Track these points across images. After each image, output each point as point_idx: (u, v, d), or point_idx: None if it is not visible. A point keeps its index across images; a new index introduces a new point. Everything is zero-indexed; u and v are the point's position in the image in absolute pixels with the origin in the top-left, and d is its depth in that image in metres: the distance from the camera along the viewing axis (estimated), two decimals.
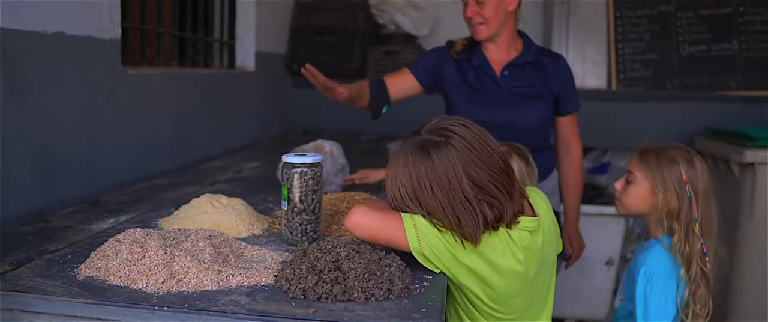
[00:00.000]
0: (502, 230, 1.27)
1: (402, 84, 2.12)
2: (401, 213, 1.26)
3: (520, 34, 2.13)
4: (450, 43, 2.17)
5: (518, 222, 1.30)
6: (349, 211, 1.27)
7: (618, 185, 1.71)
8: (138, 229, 1.27)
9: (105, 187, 1.91)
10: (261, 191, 1.98)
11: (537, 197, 1.43)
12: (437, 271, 1.26)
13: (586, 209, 3.28)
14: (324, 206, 1.69)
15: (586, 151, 4.03)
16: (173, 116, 2.35)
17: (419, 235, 1.23)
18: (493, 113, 2.02)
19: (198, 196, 1.88)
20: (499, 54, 2.08)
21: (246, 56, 3.19)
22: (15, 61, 1.51)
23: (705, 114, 3.63)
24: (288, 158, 1.40)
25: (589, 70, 3.94)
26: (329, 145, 2.00)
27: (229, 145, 2.86)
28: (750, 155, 2.88)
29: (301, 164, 1.39)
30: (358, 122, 3.36)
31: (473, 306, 1.35)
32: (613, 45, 3.90)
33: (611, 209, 3.13)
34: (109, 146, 1.92)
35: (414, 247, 1.24)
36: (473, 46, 2.11)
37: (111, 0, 1.90)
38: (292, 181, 1.39)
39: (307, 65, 1.82)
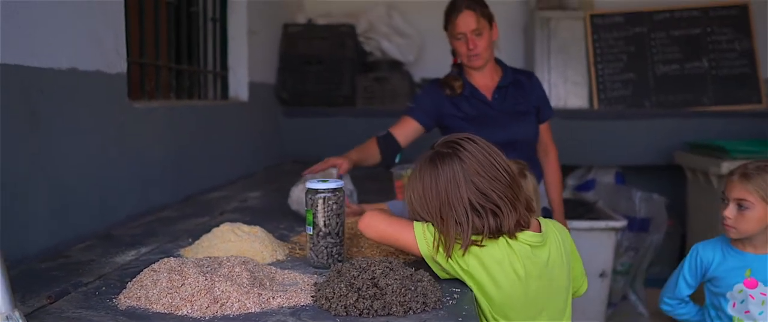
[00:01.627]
0: (503, 239, 1.33)
1: (408, 131, 2.30)
2: (413, 221, 1.37)
3: (496, 60, 2.36)
4: (440, 84, 2.34)
5: (521, 233, 1.35)
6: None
7: (729, 213, 1.73)
8: (172, 258, 1.29)
9: (116, 221, 1.91)
10: (271, 218, 2.01)
11: (553, 227, 1.46)
12: (447, 277, 1.34)
13: (578, 224, 3.37)
14: None
15: (571, 169, 4.15)
16: (175, 148, 2.36)
17: (429, 240, 1.32)
18: (495, 134, 2.07)
19: (210, 226, 1.92)
20: (485, 80, 2.30)
21: (239, 87, 3.23)
22: (32, 98, 1.53)
23: (682, 129, 3.76)
24: (312, 185, 1.44)
25: (571, 90, 4.07)
26: (337, 172, 2.04)
27: (226, 176, 2.88)
28: (726, 167, 3.03)
29: (325, 189, 1.43)
30: (349, 148, 3.41)
31: (484, 318, 1.39)
32: (593, 66, 4.04)
33: (601, 224, 3.22)
34: (118, 180, 1.93)
35: (424, 252, 1.33)
36: (461, 80, 2.30)
37: (117, 35, 1.93)
38: (317, 206, 1.43)
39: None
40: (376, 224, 1.40)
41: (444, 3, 2.28)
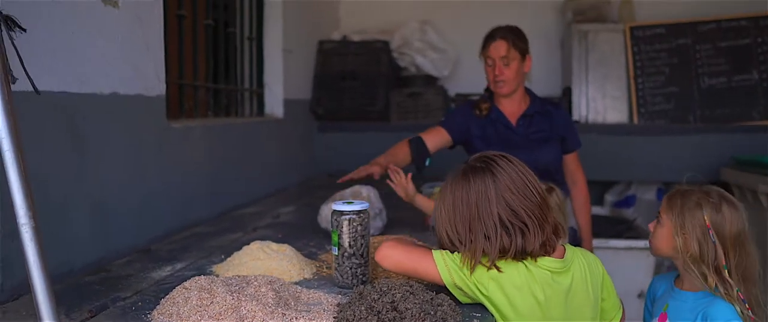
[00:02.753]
0: (523, 264, 1.32)
1: (438, 139, 2.40)
2: (431, 248, 1.38)
3: (526, 89, 2.48)
4: (474, 105, 2.47)
5: (542, 259, 1.34)
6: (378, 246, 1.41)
7: (651, 226, 1.71)
8: (202, 277, 1.34)
9: (154, 236, 1.99)
10: (302, 235, 2.05)
11: (580, 255, 1.44)
12: (468, 301, 1.34)
13: (616, 243, 3.32)
14: None
15: (610, 185, 4.08)
16: (211, 166, 2.44)
17: (449, 266, 1.33)
18: (516, 156, 2.25)
19: (242, 242, 1.98)
20: (512, 107, 2.43)
21: (275, 104, 3.30)
22: (76, 123, 1.62)
23: (728, 145, 3.64)
24: (337, 207, 1.47)
25: (609, 105, 4.00)
26: (366, 191, 2.07)
27: (260, 191, 2.95)
28: None
29: (350, 211, 1.46)
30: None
31: None
32: (632, 80, 3.97)
33: (641, 243, 3.16)
34: (156, 197, 2.01)
35: (446, 278, 1.33)
36: (489, 103, 2.43)
37: (156, 59, 2.02)
38: (342, 227, 1.46)
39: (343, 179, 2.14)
40: (394, 255, 1.40)
41: (478, 18, 2.36)
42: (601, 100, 4.02)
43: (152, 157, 1.99)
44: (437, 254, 1.36)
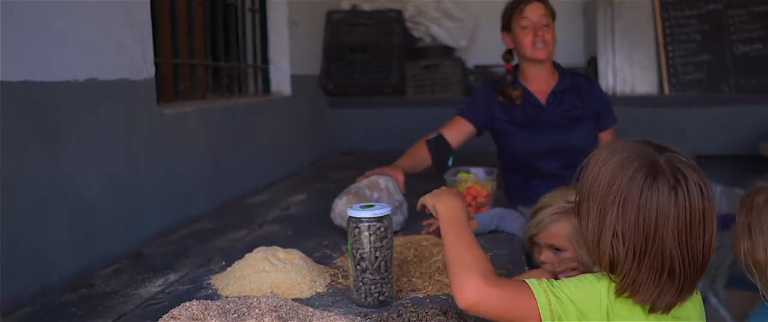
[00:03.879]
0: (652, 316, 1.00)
1: (460, 133, 2.16)
2: (527, 281, 1.02)
3: (554, 63, 2.25)
4: (497, 89, 2.21)
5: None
6: (456, 284, 1.02)
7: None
8: (195, 302, 1.13)
9: (147, 237, 1.78)
10: (314, 232, 1.84)
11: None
12: None
13: None
14: None
15: None
16: (211, 153, 2.22)
17: (551, 299, 0.99)
18: (548, 138, 2.15)
19: (246, 243, 1.78)
20: (540, 84, 2.20)
21: (281, 80, 3.06)
22: (47, 116, 1.39)
23: (767, 117, 3.40)
24: (353, 212, 1.25)
25: (638, 74, 3.74)
26: (384, 182, 1.84)
27: (269, 176, 2.73)
28: None
29: (368, 218, 1.23)
30: (399, 141, 3.21)
31: None
32: (662, 48, 3.70)
33: None
34: (148, 193, 1.80)
35: (546, 316, 0.99)
36: (519, 90, 2.18)
37: (143, 37, 1.78)
38: (359, 237, 1.24)
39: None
40: (489, 302, 1.00)
41: None
42: (629, 70, 3.76)
43: (142, 149, 1.77)
44: (536, 286, 1.00)
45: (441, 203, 1.20)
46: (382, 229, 1.25)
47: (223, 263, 1.55)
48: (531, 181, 2.17)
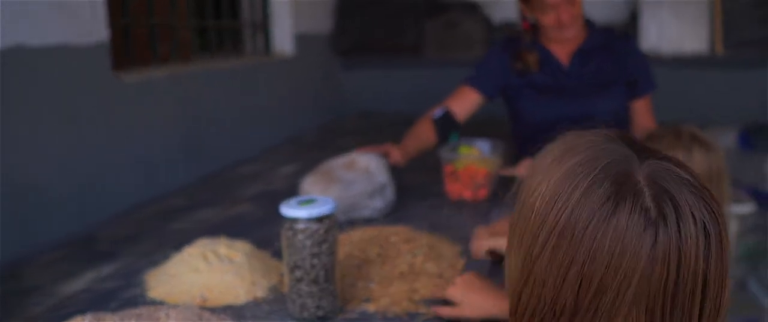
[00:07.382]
0: None
1: (467, 104, 1.92)
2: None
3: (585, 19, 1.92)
4: (512, 52, 1.91)
5: None
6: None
7: None
8: (89, 315, 0.96)
9: (105, 218, 1.64)
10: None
11: None
12: None
13: None
14: (351, 250, 1.34)
15: None
16: (188, 121, 2.05)
17: None
18: (569, 108, 1.84)
19: (212, 224, 1.61)
20: (564, 43, 1.89)
21: (283, 40, 2.85)
22: None
23: None
24: (287, 210, 1.04)
25: (687, 30, 3.33)
26: (366, 161, 1.63)
27: (264, 143, 2.55)
28: None
29: (305, 219, 1.03)
30: (420, 101, 2.97)
31: None
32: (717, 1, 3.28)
33: None
34: (105, 170, 1.65)
35: None
36: (536, 53, 1.89)
37: None
38: (290, 240, 1.04)
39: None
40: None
41: None
42: (677, 25, 3.35)
43: (94, 121, 1.61)
44: None
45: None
46: (322, 231, 1.04)
47: (173, 250, 1.38)
48: None
